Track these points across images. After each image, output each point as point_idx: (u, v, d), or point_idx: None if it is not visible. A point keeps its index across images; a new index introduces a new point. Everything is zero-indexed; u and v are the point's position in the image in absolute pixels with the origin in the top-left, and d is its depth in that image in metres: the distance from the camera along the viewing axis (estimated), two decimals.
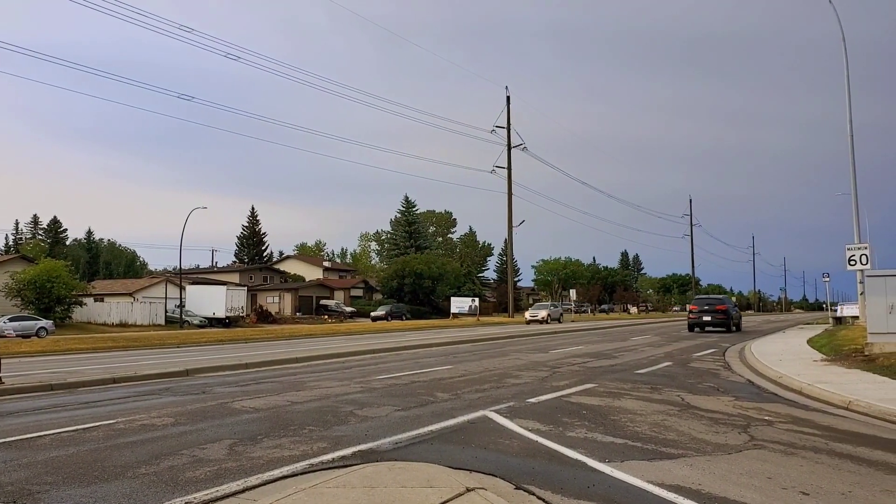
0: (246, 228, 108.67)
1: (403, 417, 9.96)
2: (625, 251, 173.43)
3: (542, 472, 6.79)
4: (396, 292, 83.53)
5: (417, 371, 16.84)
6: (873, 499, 6.03)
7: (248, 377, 16.21)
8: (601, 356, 21.46)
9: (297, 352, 23.54)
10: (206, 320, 57.00)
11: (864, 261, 22.20)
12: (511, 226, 71.68)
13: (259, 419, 9.95)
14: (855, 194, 27.79)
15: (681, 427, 9.39)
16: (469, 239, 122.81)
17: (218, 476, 6.63)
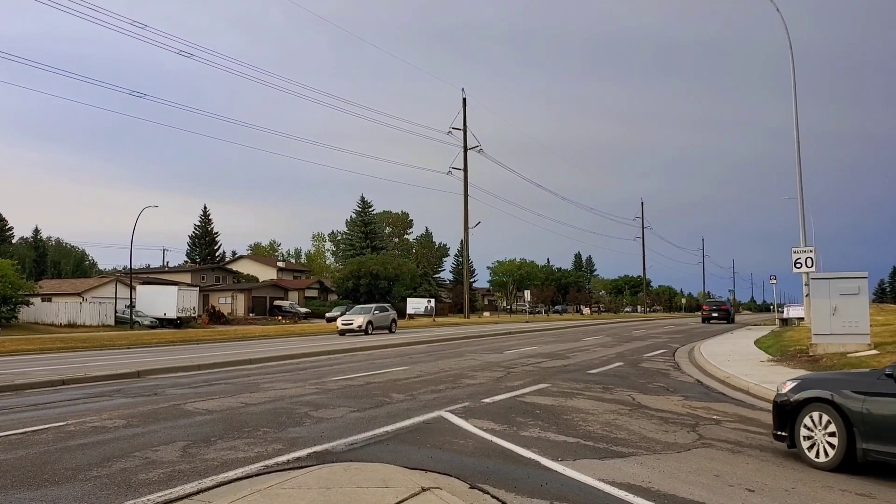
0: (198, 228, 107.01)
1: (359, 418, 9.98)
2: (578, 253, 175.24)
3: (497, 472, 6.89)
4: (352, 293, 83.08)
5: (373, 372, 16.84)
6: (815, 495, 6.26)
7: (201, 379, 16.03)
8: (555, 356, 21.70)
9: (251, 353, 23.31)
10: (157, 321, 55.99)
11: (810, 264, 22.83)
12: (467, 227, 71.96)
13: (213, 421, 9.87)
14: (801, 199, 28.54)
15: (632, 426, 9.58)
16: (425, 240, 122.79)
17: (171, 478, 6.58)
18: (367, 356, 22.74)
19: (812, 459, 7.51)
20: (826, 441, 7.42)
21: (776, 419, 8.20)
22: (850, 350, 17.25)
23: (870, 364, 14.65)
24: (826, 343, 18.01)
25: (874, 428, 6.98)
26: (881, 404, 6.99)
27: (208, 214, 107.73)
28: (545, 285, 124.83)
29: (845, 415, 7.27)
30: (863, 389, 7.29)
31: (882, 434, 6.91)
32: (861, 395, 7.25)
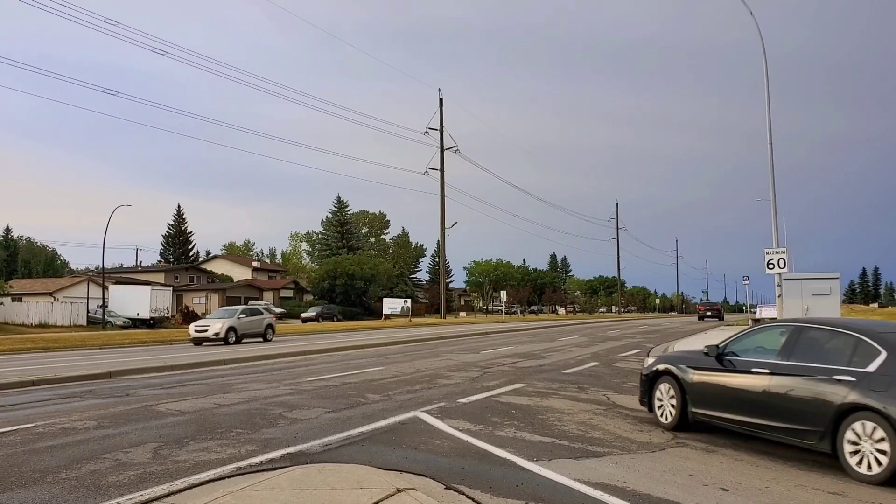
0: (172, 227, 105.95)
1: (334, 419, 9.91)
2: (554, 253, 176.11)
3: (472, 472, 6.86)
4: (328, 293, 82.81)
5: (349, 372, 16.75)
6: (788, 493, 6.31)
7: (174, 379, 15.85)
8: (530, 356, 21.74)
9: (225, 353, 23.12)
10: (130, 321, 55.41)
11: (782, 264, 23.06)
12: (444, 227, 71.93)
13: (185, 422, 9.75)
14: (774, 200, 28.79)
15: (607, 426, 9.61)
16: (402, 240, 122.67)
17: (142, 480, 6.48)
18: (343, 356, 22.64)
19: (661, 421, 9.65)
20: (670, 405, 9.52)
21: (641, 389, 10.34)
22: None
23: None
24: None
25: (697, 395, 9.11)
26: (702, 376, 9.09)
27: (182, 214, 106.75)
28: (521, 286, 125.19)
29: (681, 385, 9.37)
30: (692, 364, 9.37)
31: (703, 399, 9.01)
32: (691, 369, 9.33)
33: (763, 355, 8.59)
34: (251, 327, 32.54)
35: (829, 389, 7.38)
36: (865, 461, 6.86)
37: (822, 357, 7.89)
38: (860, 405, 7.02)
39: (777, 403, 8.00)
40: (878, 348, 7.36)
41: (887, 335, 7.64)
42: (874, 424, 6.81)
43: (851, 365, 7.41)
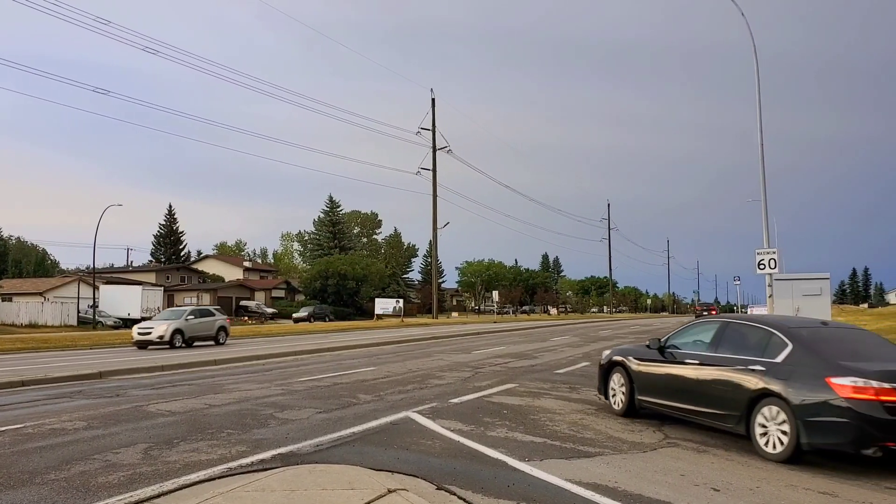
0: (163, 227, 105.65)
1: (325, 420, 9.89)
2: (545, 254, 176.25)
3: (464, 472, 6.86)
4: (320, 293, 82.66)
5: (340, 373, 16.72)
6: (778, 493, 6.32)
7: (164, 380, 15.80)
8: (522, 357, 21.75)
9: (215, 354, 23.06)
10: (121, 321, 55.12)
11: (773, 265, 23.15)
12: (436, 227, 71.89)
13: (175, 422, 9.71)
14: (765, 201, 28.88)
15: (598, 426, 9.62)
16: (394, 240, 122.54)
17: (132, 481, 6.45)
18: (335, 357, 22.60)
19: (613, 408, 10.83)
20: (621, 393, 10.68)
21: (599, 379, 11.43)
22: None
23: None
24: None
25: (643, 383, 10.24)
26: (646, 367, 10.21)
27: (173, 213, 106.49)
28: (513, 286, 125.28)
29: (629, 375, 10.50)
30: (639, 357, 10.48)
31: (647, 388, 10.13)
32: (637, 361, 10.44)
33: (696, 348, 9.59)
34: (201, 330, 30.06)
35: (744, 378, 8.37)
36: (771, 441, 7.81)
37: (742, 349, 8.85)
38: (768, 391, 7.98)
39: (704, 391, 9.00)
40: (787, 341, 8.35)
41: (796, 329, 8.70)
42: (778, 408, 7.81)
43: (764, 356, 8.38)
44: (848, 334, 9.44)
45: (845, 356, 8.03)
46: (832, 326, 9.81)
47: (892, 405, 7.13)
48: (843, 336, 9.23)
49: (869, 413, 7.12)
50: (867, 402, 7.17)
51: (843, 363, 7.75)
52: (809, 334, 8.68)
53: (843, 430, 7.28)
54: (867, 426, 7.13)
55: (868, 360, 7.94)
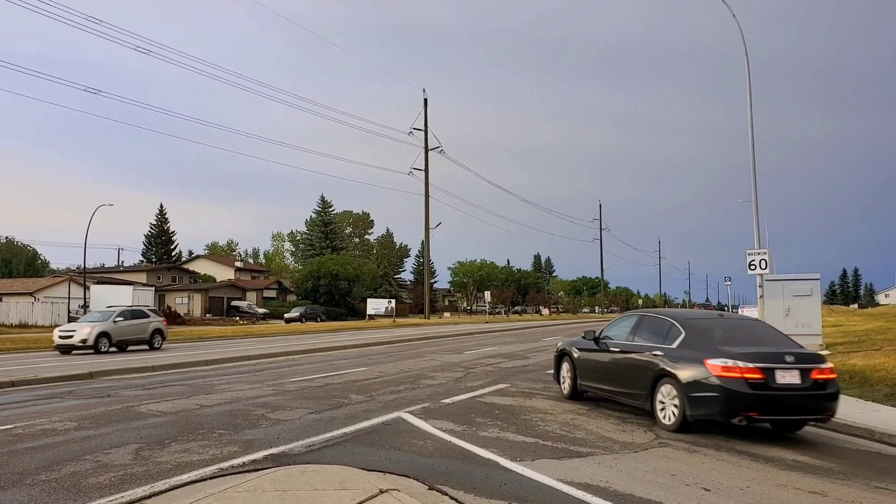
0: (154, 227, 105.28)
1: (317, 420, 9.88)
2: (538, 254, 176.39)
3: (456, 472, 6.86)
4: (311, 293, 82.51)
5: (332, 373, 16.71)
6: (769, 493, 6.35)
7: (156, 380, 15.75)
8: (514, 357, 21.78)
9: (207, 354, 22.99)
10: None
11: (764, 265, 23.20)
12: (428, 227, 71.91)
13: (167, 423, 9.68)
14: (756, 201, 28.96)
15: (590, 426, 9.64)
16: (386, 240, 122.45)
17: (123, 482, 6.43)
18: (327, 357, 22.58)
19: (562, 392, 12.58)
20: (568, 379, 12.32)
21: (554, 367, 13.16)
22: None
23: None
24: None
25: (582, 370, 11.90)
26: (584, 355, 11.89)
27: (165, 213, 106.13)
28: (505, 286, 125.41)
29: (573, 363, 12.17)
30: (580, 347, 12.12)
31: (585, 374, 11.82)
32: (578, 350, 12.13)
33: (619, 338, 11.18)
34: (132, 333, 27.30)
35: (649, 362, 9.94)
36: (667, 415, 9.40)
37: (650, 338, 10.42)
38: (666, 372, 9.51)
39: (623, 374, 10.69)
40: (681, 330, 9.87)
41: (691, 320, 10.33)
42: (671, 387, 9.36)
43: (664, 343, 9.92)
44: (739, 324, 11.05)
45: (726, 342, 9.45)
46: (727, 318, 11.72)
47: (754, 382, 8.63)
48: (733, 325, 10.68)
49: (735, 388, 8.64)
50: (734, 379, 8.69)
51: (721, 347, 9.18)
52: (701, 324, 10.30)
53: (716, 402, 8.81)
54: (734, 399, 8.65)
55: (745, 346, 9.26)
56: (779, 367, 8.81)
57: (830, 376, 9.10)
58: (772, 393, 8.67)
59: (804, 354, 9.22)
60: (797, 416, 9.29)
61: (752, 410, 8.68)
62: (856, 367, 14.03)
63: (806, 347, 9.83)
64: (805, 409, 9.09)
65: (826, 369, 9.08)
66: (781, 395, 8.75)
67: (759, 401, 8.64)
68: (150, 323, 28.52)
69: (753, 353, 8.94)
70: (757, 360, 8.78)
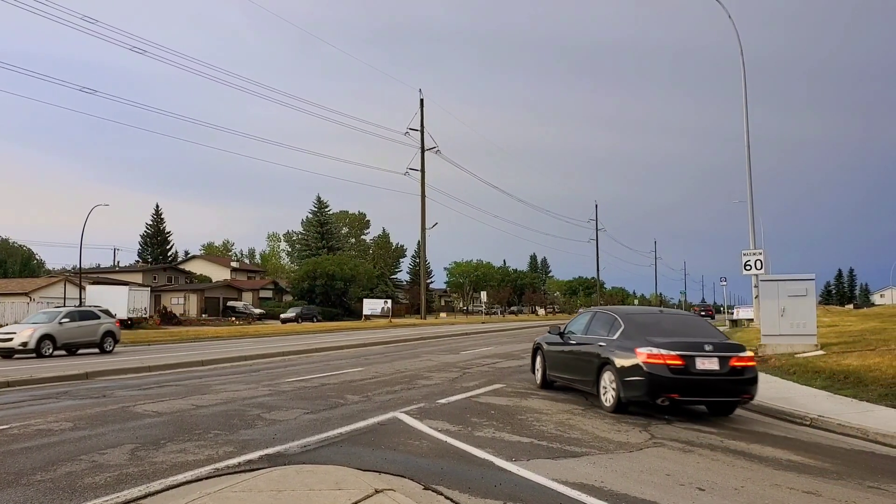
0: (150, 227, 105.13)
1: (312, 420, 9.88)
2: (534, 254, 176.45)
3: (451, 472, 6.87)
4: (307, 294, 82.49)
5: (328, 373, 16.71)
6: (763, 493, 6.37)
7: (152, 380, 15.74)
8: (510, 357, 21.81)
9: (203, 354, 22.98)
10: None
11: (759, 266, 23.27)
12: (424, 228, 71.92)
13: (162, 423, 9.68)
14: (751, 202, 29.07)
15: (585, 426, 9.66)
16: (382, 240, 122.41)
17: (119, 482, 6.43)
18: (323, 357, 22.58)
19: (536, 381, 14.17)
20: (540, 371, 13.96)
21: (531, 359, 14.97)
22: (797, 350, 17.65)
23: (816, 365, 15.01)
24: (775, 343, 18.39)
25: (550, 362, 13.52)
26: (551, 348, 13.54)
27: (160, 213, 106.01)
28: (501, 286, 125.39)
29: (544, 355, 13.86)
30: (549, 341, 13.72)
31: (552, 365, 13.43)
32: (547, 344, 13.74)
33: (578, 332, 12.76)
34: (80, 335, 25.69)
35: (596, 352, 11.36)
36: (607, 398, 10.89)
37: (599, 331, 11.86)
38: (607, 360, 10.89)
39: (577, 363, 12.21)
40: (622, 323, 11.31)
41: (631, 315, 11.83)
42: (611, 373, 10.76)
43: (608, 335, 11.38)
44: (674, 318, 12.26)
45: (657, 334, 10.67)
46: (665, 313, 12.71)
47: (675, 367, 9.96)
48: (668, 320, 11.91)
49: (659, 373, 9.99)
50: (658, 365, 10.01)
51: (649, 338, 10.44)
52: (639, 318, 11.67)
53: (643, 386, 10.13)
54: (657, 383, 9.99)
55: (673, 337, 10.50)
56: (698, 355, 10.09)
57: (749, 363, 10.41)
58: (692, 377, 10.01)
59: (724, 344, 10.53)
60: (716, 398, 10.55)
61: (674, 392, 10.04)
62: (850, 367, 14.07)
63: (801, 348, 10.01)
64: (723, 392, 10.37)
65: (745, 357, 10.39)
66: (701, 379, 10.06)
67: (679, 384, 10.00)
68: (101, 325, 26.72)
69: (676, 342, 10.25)
70: (678, 349, 10.10)
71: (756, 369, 10.63)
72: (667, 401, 10.09)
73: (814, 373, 14.39)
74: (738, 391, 10.33)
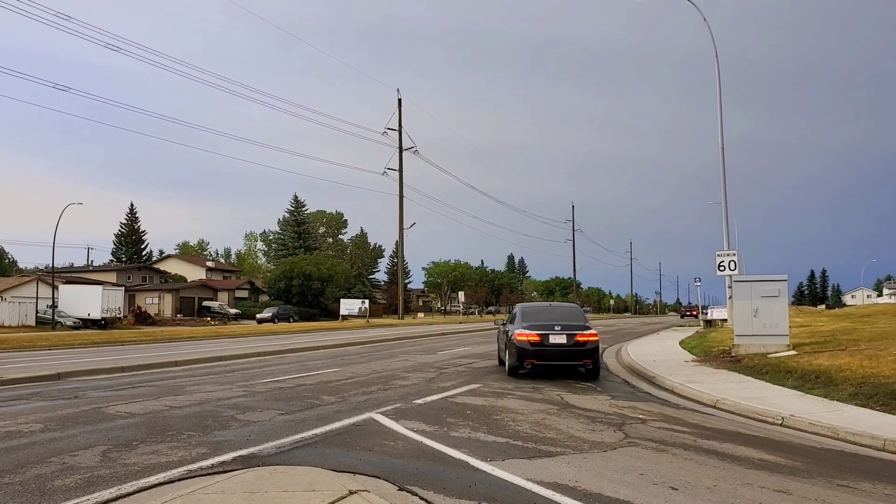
0: (124, 226, 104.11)
1: (287, 421, 9.83)
2: (511, 254, 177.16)
3: (426, 473, 6.87)
4: (284, 294, 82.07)
5: (304, 374, 16.64)
6: (735, 492, 6.43)
7: (125, 381, 15.57)
8: (487, 357, 21.83)
9: (177, 355, 22.76)
10: (81, 321, 54.18)
11: (733, 267, 23.51)
12: (402, 228, 71.85)
13: (135, 424, 9.58)
14: (725, 203, 29.37)
15: (560, 426, 9.70)
16: (360, 240, 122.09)
17: (90, 484, 6.36)
18: (298, 358, 22.46)
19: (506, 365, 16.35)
20: (502, 358, 17.70)
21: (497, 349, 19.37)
22: (770, 351, 17.82)
23: (788, 365, 15.17)
24: (748, 343, 18.55)
25: (499, 346, 17.40)
26: (500, 335, 17.84)
27: (135, 212, 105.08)
28: (479, 286, 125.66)
29: (498, 345, 18.20)
30: (501, 331, 17.94)
31: (500, 349, 17.38)
32: (500, 333, 17.95)
33: (507, 322, 17.16)
34: None
35: (505, 333, 16.67)
36: (507, 366, 15.92)
37: (512, 321, 16.23)
38: (508, 339, 15.60)
39: (502, 344, 17.35)
40: (521, 314, 16.14)
41: (525, 308, 16.79)
42: (508, 348, 15.49)
43: (513, 323, 15.97)
44: (554, 309, 17.23)
45: (533, 320, 15.47)
46: (552, 306, 18.13)
47: (534, 342, 14.84)
48: (549, 310, 16.90)
49: (524, 346, 14.94)
50: (524, 341, 14.94)
51: (525, 323, 15.27)
52: (528, 310, 16.59)
53: (515, 354, 15.19)
54: (523, 353, 15.01)
55: (543, 321, 15.34)
56: (551, 333, 14.91)
57: (590, 339, 14.97)
58: (546, 348, 14.85)
59: (572, 325, 15.21)
60: (564, 362, 15.26)
61: (533, 359, 15.02)
62: (822, 367, 14.24)
63: (773, 348, 10.15)
64: (569, 358, 15.09)
65: (587, 334, 14.96)
66: (552, 349, 14.89)
67: (537, 353, 14.92)
68: None
69: (538, 325, 15.11)
70: (537, 329, 14.95)
71: (596, 343, 15.28)
72: (529, 366, 15.25)
73: (786, 373, 14.54)
74: (580, 357, 15.05)
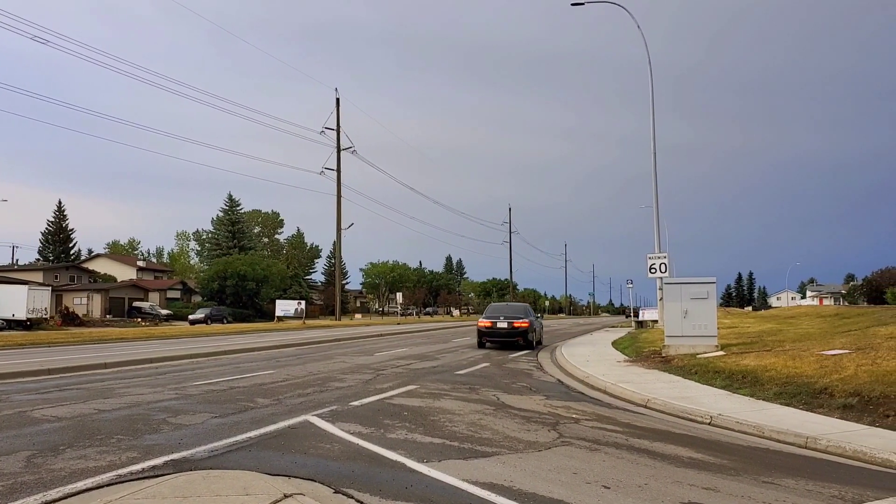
0: (52, 224, 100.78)
1: (220, 424, 9.68)
2: (449, 256, 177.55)
3: (362, 475, 6.86)
4: (217, 294, 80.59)
5: (238, 376, 16.38)
6: (665, 489, 6.60)
7: (51, 384, 15.07)
8: (424, 358, 21.87)
9: (107, 357, 22.12)
10: (5, 322, 52.13)
11: (664, 269, 24.12)
12: (340, 228, 71.36)
13: (62, 428, 9.30)
14: (656, 207, 30.07)
15: (496, 426, 9.79)
16: (297, 240, 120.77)
17: (13, 491, 6.15)
18: (233, 360, 22.09)
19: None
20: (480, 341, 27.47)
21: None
22: (699, 351, 18.32)
23: (717, 365, 15.62)
24: (678, 344, 19.03)
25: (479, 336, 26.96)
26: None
27: (63, 210, 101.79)
28: (417, 287, 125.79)
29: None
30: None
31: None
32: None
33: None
34: None
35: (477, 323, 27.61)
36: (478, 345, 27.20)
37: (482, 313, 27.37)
38: (478, 326, 26.79)
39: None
40: (486, 309, 27.75)
41: (491, 305, 28.65)
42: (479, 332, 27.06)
43: (480, 314, 27.60)
44: (511, 305, 28.63)
45: (492, 312, 26.59)
46: (508, 304, 29.77)
47: (488, 326, 25.53)
48: (504, 307, 27.91)
49: (482, 330, 25.85)
50: (482, 326, 25.81)
51: (486, 314, 26.40)
52: (492, 306, 27.89)
53: (478, 335, 26.31)
54: (481, 334, 26.05)
55: (498, 314, 26.15)
56: (498, 321, 25.17)
57: (523, 325, 24.91)
58: (495, 330, 25.15)
59: (512, 316, 25.44)
60: (506, 339, 25.07)
61: (488, 338, 25.53)
62: (748, 367, 14.70)
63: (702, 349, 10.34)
64: (509, 337, 25.01)
65: (521, 322, 25.05)
66: (499, 331, 25.14)
67: (489, 334, 25.45)
68: None
69: (492, 316, 25.65)
70: (490, 318, 25.46)
71: (526, 327, 25.05)
72: (486, 342, 25.73)
73: (714, 373, 14.96)
74: (514, 336, 25.02)
